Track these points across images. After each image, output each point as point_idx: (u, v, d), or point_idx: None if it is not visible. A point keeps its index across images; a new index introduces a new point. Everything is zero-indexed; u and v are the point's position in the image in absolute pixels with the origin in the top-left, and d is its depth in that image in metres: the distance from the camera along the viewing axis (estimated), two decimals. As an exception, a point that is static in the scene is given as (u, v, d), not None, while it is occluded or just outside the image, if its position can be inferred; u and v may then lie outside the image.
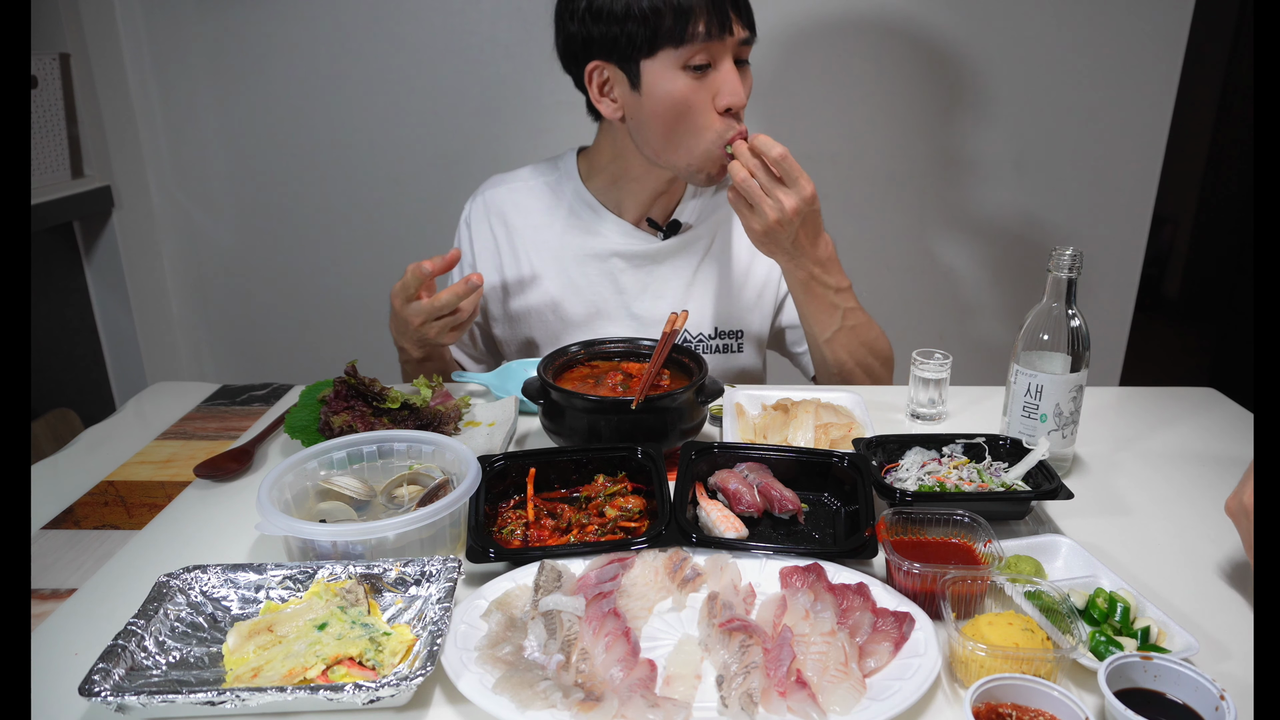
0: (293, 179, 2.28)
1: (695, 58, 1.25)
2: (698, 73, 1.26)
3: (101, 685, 0.71)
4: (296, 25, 2.13)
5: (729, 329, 1.52)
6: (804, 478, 1.07)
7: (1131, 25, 2.08)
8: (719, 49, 1.26)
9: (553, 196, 1.49)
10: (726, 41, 1.25)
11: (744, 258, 1.52)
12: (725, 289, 1.51)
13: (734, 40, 1.26)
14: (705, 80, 1.27)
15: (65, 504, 1.09)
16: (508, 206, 1.50)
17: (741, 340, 1.53)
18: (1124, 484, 1.13)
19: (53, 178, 2.05)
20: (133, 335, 2.32)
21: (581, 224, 1.48)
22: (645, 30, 1.23)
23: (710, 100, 1.28)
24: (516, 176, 1.52)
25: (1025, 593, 0.82)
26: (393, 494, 1.03)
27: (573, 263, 1.48)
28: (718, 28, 1.23)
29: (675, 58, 1.25)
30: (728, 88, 1.27)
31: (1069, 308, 1.07)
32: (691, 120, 1.29)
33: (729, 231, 1.52)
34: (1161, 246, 4.20)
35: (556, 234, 1.48)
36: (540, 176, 1.51)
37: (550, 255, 1.49)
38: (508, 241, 1.50)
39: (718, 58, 1.27)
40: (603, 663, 0.76)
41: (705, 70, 1.26)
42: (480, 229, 1.51)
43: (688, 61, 1.25)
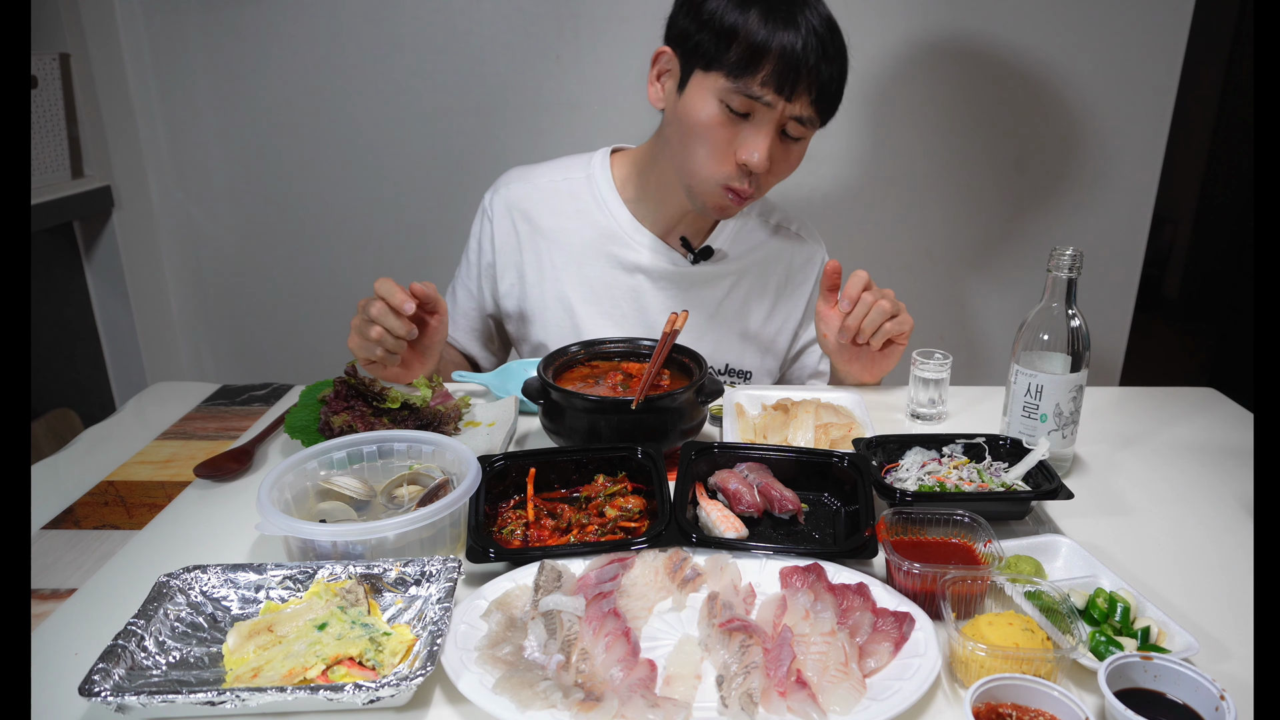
0: (293, 179, 2.28)
1: (735, 101, 1.20)
2: (732, 114, 1.22)
3: (101, 685, 0.71)
4: (296, 25, 2.13)
5: (739, 369, 1.51)
6: (804, 478, 1.06)
7: (1131, 25, 2.08)
8: (765, 110, 1.21)
9: (581, 197, 1.45)
10: (778, 106, 1.20)
11: (768, 302, 1.50)
12: (745, 330, 1.49)
13: (788, 110, 1.21)
14: (736, 124, 1.23)
15: (65, 504, 1.09)
16: (532, 203, 1.46)
17: (748, 380, 1.52)
18: (1124, 484, 1.13)
19: (53, 178, 2.05)
20: (133, 335, 2.32)
21: (608, 231, 1.43)
22: (717, 47, 1.19)
23: (731, 142, 1.24)
24: (542, 172, 1.48)
25: (1025, 593, 0.82)
26: (393, 494, 1.03)
27: (595, 270, 1.44)
28: (777, 86, 1.18)
29: (721, 88, 1.21)
30: (751, 145, 1.23)
31: (1069, 308, 1.07)
32: (707, 149, 1.25)
33: (760, 274, 1.49)
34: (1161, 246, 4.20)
35: (582, 238, 1.44)
36: (569, 173, 1.46)
37: (573, 258, 1.45)
38: (530, 238, 1.45)
39: (761, 115, 1.22)
40: (603, 663, 0.76)
41: (740, 118, 1.22)
42: (502, 224, 1.47)
43: (727, 101, 1.21)
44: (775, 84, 1.18)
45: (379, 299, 1.20)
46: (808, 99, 1.21)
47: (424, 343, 1.31)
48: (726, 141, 1.24)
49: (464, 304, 1.55)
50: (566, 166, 1.48)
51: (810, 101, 1.21)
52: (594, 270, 1.45)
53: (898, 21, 2.09)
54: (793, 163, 1.30)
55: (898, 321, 1.28)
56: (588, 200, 1.44)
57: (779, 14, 1.17)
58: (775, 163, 1.26)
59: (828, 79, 1.21)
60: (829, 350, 1.38)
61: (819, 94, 1.21)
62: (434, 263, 2.20)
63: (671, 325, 1.21)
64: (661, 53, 1.30)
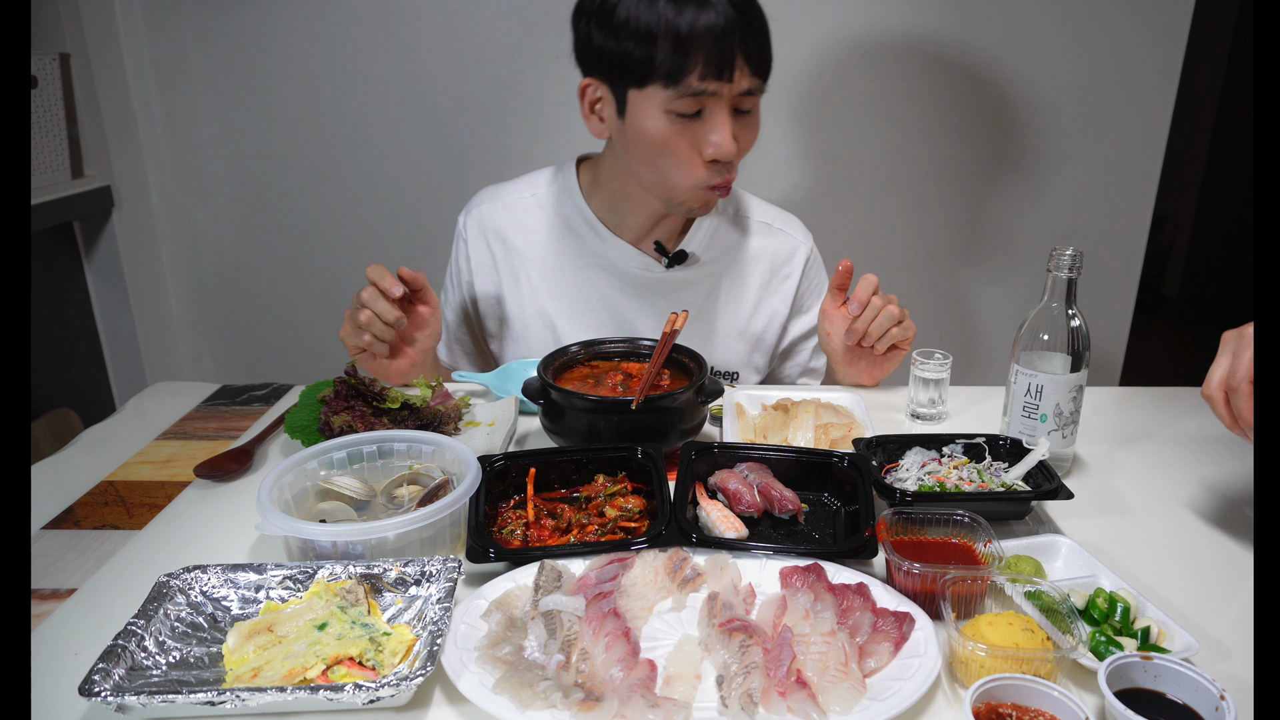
0: (293, 179, 2.28)
1: (681, 105, 1.18)
2: (683, 118, 1.20)
3: (101, 685, 0.71)
4: (297, 25, 2.13)
5: (724, 370, 1.50)
6: (804, 478, 1.06)
7: (1131, 25, 2.08)
8: (713, 100, 1.18)
9: (552, 211, 1.44)
10: (724, 91, 1.18)
11: (751, 300, 1.48)
12: (727, 332, 1.48)
13: (734, 89, 1.18)
14: (691, 126, 1.20)
15: (65, 504, 1.09)
16: (504, 222, 1.45)
17: (735, 382, 1.50)
18: (1124, 484, 1.13)
19: (53, 178, 2.05)
20: (133, 335, 2.32)
21: (582, 243, 1.43)
22: (641, 55, 1.16)
23: (695, 145, 1.22)
24: (512, 189, 1.47)
25: (1025, 593, 0.82)
26: (393, 494, 1.03)
27: (572, 282, 1.44)
28: (716, 72, 1.15)
29: (663, 99, 1.18)
30: (715, 139, 1.20)
31: (1069, 308, 1.07)
32: (672, 161, 1.24)
33: (739, 273, 1.48)
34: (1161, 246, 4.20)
35: (555, 252, 1.44)
36: (538, 189, 1.46)
37: (549, 273, 1.44)
38: (505, 258, 1.46)
39: (711, 107, 1.19)
40: (603, 663, 0.76)
41: (694, 117, 1.20)
42: (476, 245, 1.47)
43: (675, 109, 1.19)
44: (714, 72, 1.16)
45: (370, 284, 1.23)
46: (747, 71, 1.18)
47: (413, 333, 1.32)
48: (689, 147, 1.22)
49: (456, 329, 1.55)
50: (534, 182, 1.47)
51: (751, 73, 1.19)
52: (571, 283, 1.44)
53: (898, 21, 2.09)
54: (751, 136, 1.28)
55: (903, 328, 1.29)
56: (558, 213, 1.44)
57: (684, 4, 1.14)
58: (742, 140, 1.25)
59: (758, 43, 1.18)
60: (831, 350, 1.37)
61: (756, 62, 1.19)
62: (433, 263, 2.19)
63: (671, 325, 1.20)
64: (586, 85, 1.28)
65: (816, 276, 1.55)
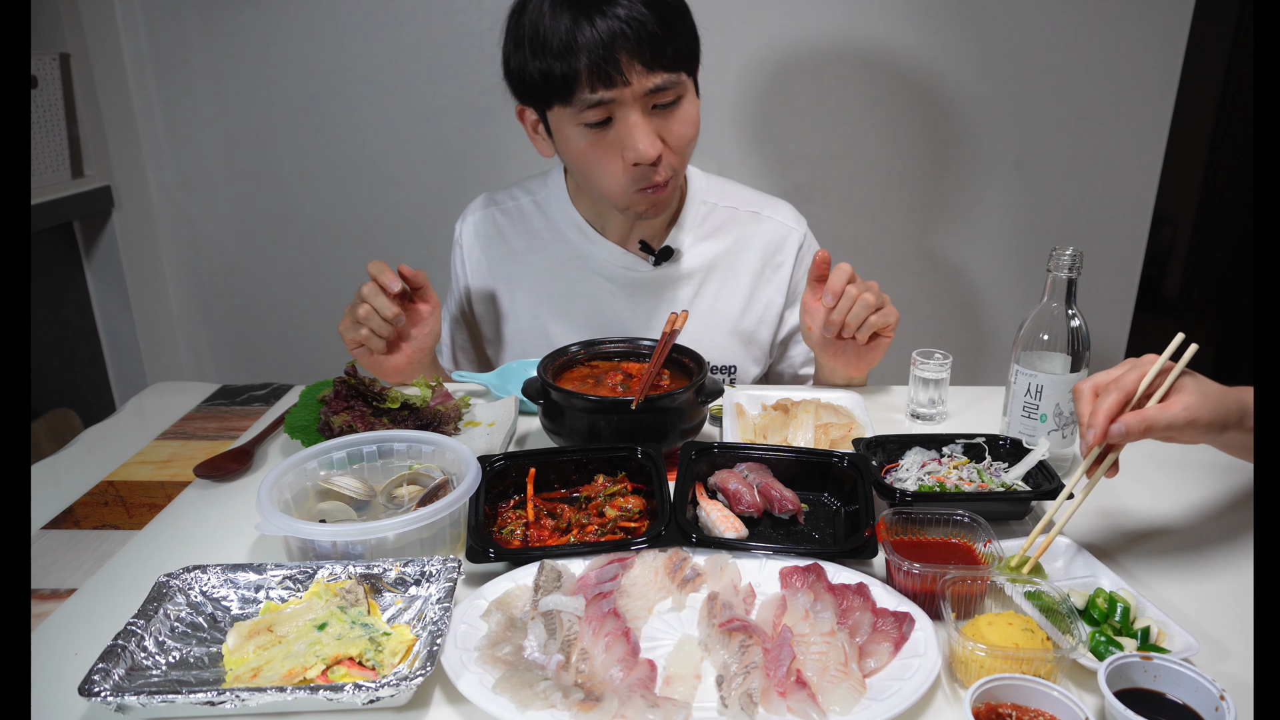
0: (293, 179, 2.28)
1: (587, 117, 1.18)
2: (596, 129, 1.20)
3: (101, 685, 0.71)
4: (296, 25, 2.13)
5: (722, 364, 1.49)
6: (804, 478, 1.06)
7: (1131, 25, 2.08)
8: (617, 105, 1.18)
9: (542, 217, 1.46)
10: (624, 96, 1.17)
11: (743, 292, 1.47)
12: (721, 325, 1.47)
13: (635, 91, 1.17)
14: (607, 134, 1.21)
15: (65, 504, 1.09)
16: (498, 229, 1.48)
17: (734, 375, 1.50)
18: (1124, 484, 1.13)
19: (53, 178, 2.05)
20: (133, 335, 2.32)
21: (571, 246, 1.44)
22: (537, 76, 1.18)
23: (614, 152, 1.22)
24: (506, 196, 1.50)
25: (1025, 593, 0.82)
26: (393, 494, 1.03)
27: (563, 286, 1.45)
28: (605, 80, 1.15)
29: (570, 114, 1.20)
30: (630, 143, 1.20)
31: (1069, 308, 1.07)
32: (598, 171, 1.25)
33: (730, 264, 1.47)
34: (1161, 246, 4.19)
35: (545, 256, 1.45)
36: (529, 195, 1.48)
37: (541, 278, 1.46)
38: (499, 263, 1.48)
39: (620, 113, 1.19)
40: (603, 663, 0.76)
41: (605, 125, 1.20)
42: (472, 252, 1.50)
43: (581, 121, 1.20)
44: (603, 79, 1.15)
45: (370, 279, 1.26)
46: (644, 71, 1.16)
47: (411, 329, 1.34)
48: (609, 154, 1.23)
49: (456, 334, 1.56)
50: (527, 188, 1.49)
51: (649, 69, 1.16)
52: (562, 287, 1.45)
53: (898, 21, 2.09)
54: (682, 129, 1.24)
55: (883, 314, 1.25)
56: (548, 218, 1.46)
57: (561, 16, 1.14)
58: (665, 137, 1.23)
59: (650, 40, 1.15)
60: (813, 343, 1.35)
61: (653, 56, 1.16)
62: (433, 262, 2.19)
63: (671, 325, 1.20)
64: (521, 111, 1.32)
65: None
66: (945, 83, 2.14)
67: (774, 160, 2.21)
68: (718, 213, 1.47)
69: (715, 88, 2.15)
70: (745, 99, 2.16)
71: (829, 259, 1.27)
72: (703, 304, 1.47)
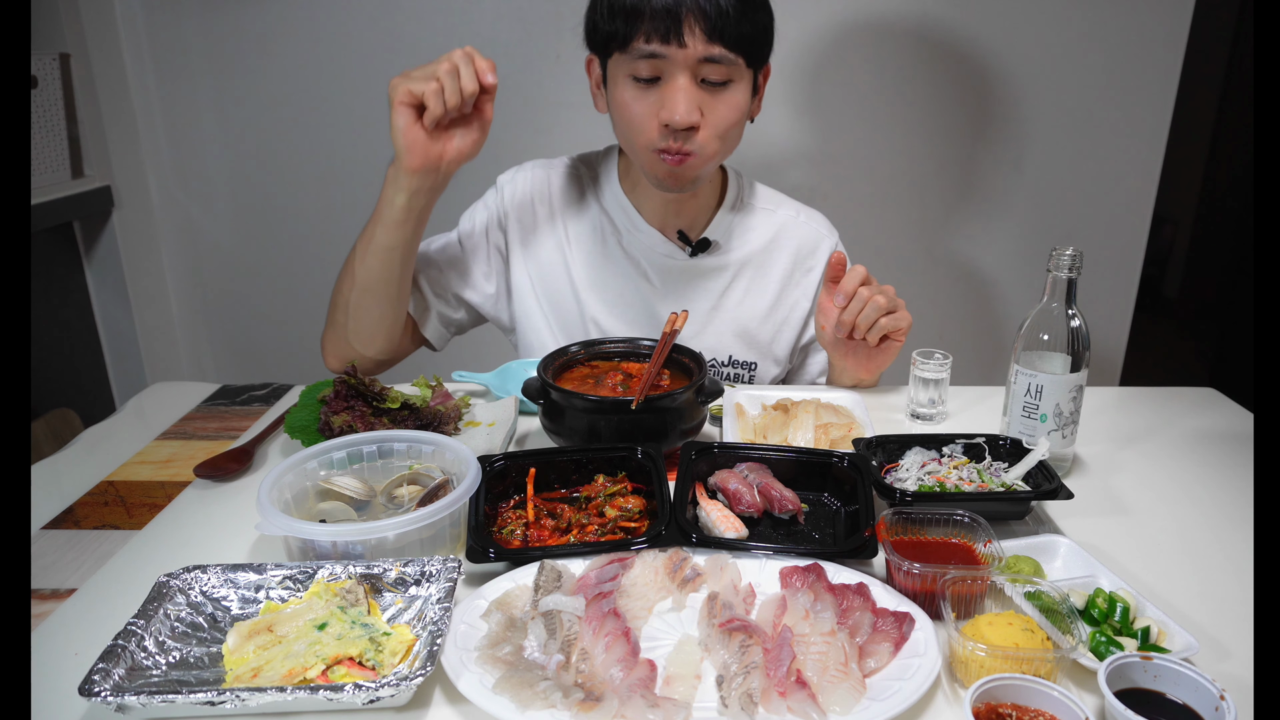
0: (293, 179, 2.28)
1: (639, 69, 1.21)
2: (643, 84, 1.22)
3: (101, 685, 0.71)
4: (297, 25, 2.13)
5: (744, 360, 1.50)
6: (804, 478, 1.06)
7: (1131, 25, 2.08)
8: (669, 65, 1.20)
9: (594, 187, 1.48)
10: (677, 57, 1.19)
11: (772, 292, 1.48)
12: (748, 322, 1.48)
13: (689, 55, 1.19)
14: (650, 92, 1.23)
15: (65, 504, 1.09)
16: (554, 187, 1.48)
17: (754, 372, 1.50)
18: (1124, 484, 1.13)
19: (53, 178, 2.05)
20: (133, 335, 2.32)
21: (614, 223, 1.45)
22: (605, 22, 1.21)
23: (653, 111, 1.23)
24: (560, 163, 1.51)
25: (1025, 593, 0.82)
26: (393, 494, 1.03)
27: (600, 259, 1.46)
28: (662, 35, 1.17)
29: (624, 64, 1.22)
30: (670, 104, 1.21)
31: (1069, 308, 1.07)
32: (632, 123, 1.26)
33: (763, 262, 1.48)
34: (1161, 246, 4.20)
35: (591, 227, 1.46)
36: (587, 166, 1.50)
37: (583, 247, 1.46)
38: (548, 220, 1.47)
39: (669, 73, 1.21)
40: (603, 663, 0.76)
41: (653, 83, 1.22)
42: (522, 196, 1.47)
43: (632, 73, 1.22)
44: (660, 35, 1.17)
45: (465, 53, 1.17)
46: (704, 38, 1.18)
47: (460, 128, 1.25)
48: (648, 111, 1.24)
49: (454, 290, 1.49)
50: (586, 159, 1.51)
51: (709, 39, 1.18)
52: (600, 260, 1.46)
53: (899, 21, 2.09)
54: (727, 112, 1.25)
55: (894, 318, 1.27)
56: (597, 191, 1.47)
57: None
58: (707, 114, 1.24)
59: (717, 9, 1.17)
60: (825, 343, 1.36)
61: (716, 28, 1.17)
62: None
63: (671, 325, 1.20)
64: (590, 61, 1.32)
65: None
66: (945, 82, 2.14)
67: (774, 160, 2.21)
68: (756, 214, 1.49)
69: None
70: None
71: (844, 260, 1.29)
72: (732, 299, 1.48)
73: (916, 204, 2.26)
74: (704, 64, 1.21)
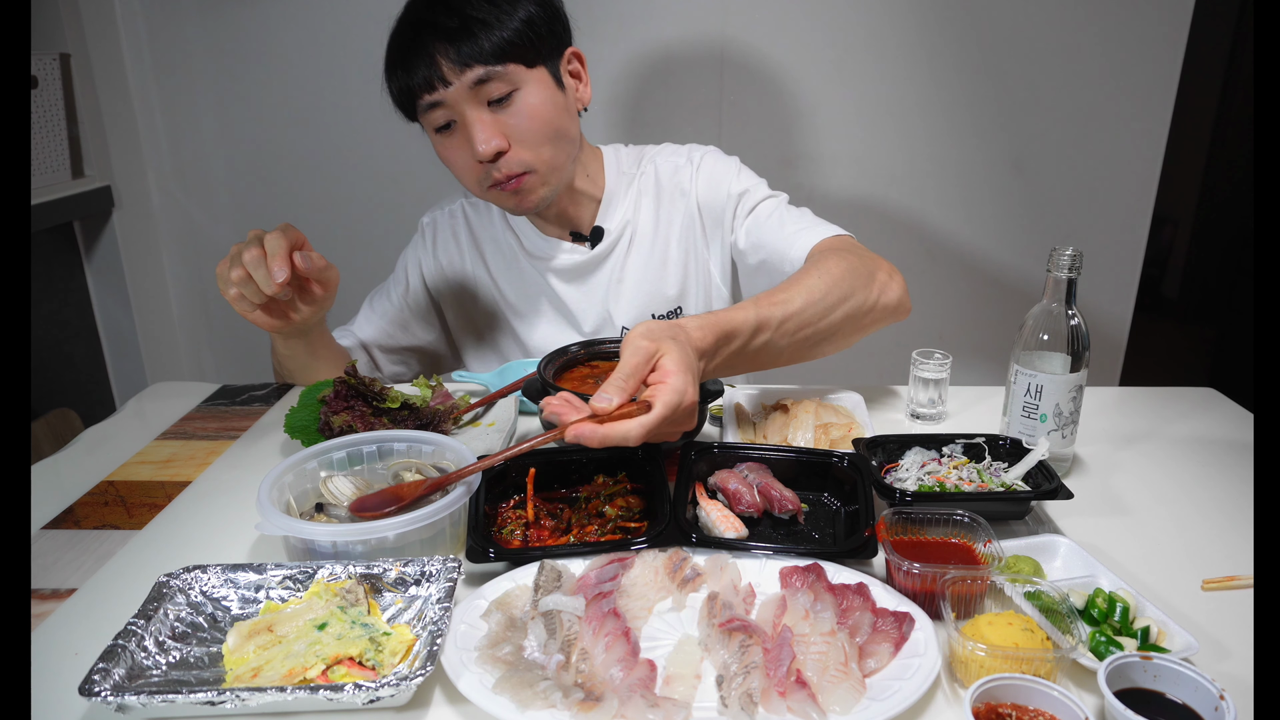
0: (293, 179, 2.28)
1: (433, 120, 1.24)
2: (446, 132, 1.25)
3: (101, 685, 0.71)
4: (297, 25, 2.13)
5: (665, 311, 1.47)
6: (804, 478, 1.06)
7: (1131, 25, 2.08)
8: (450, 108, 1.21)
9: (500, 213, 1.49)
10: (450, 97, 1.20)
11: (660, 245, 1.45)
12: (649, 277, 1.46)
13: (460, 89, 1.19)
14: (455, 135, 1.25)
15: (65, 504, 1.09)
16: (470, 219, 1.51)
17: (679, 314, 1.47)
18: (1124, 484, 1.13)
19: (53, 178, 2.05)
20: (133, 335, 2.32)
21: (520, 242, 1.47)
22: (396, 99, 1.27)
23: (463, 152, 1.25)
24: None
25: (1025, 593, 0.82)
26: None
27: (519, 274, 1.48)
28: (424, 85, 1.19)
29: (425, 123, 1.27)
30: (470, 140, 1.23)
31: (1069, 308, 1.07)
32: (458, 175, 1.30)
33: (637, 223, 1.46)
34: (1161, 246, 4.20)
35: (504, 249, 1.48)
36: None
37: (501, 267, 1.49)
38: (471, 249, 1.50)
39: (456, 112, 1.22)
40: (603, 663, 0.76)
41: (450, 130, 1.24)
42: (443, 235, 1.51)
43: (431, 126, 1.26)
44: (424, 84, 1.20)
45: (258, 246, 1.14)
46: (459, 67, 1.18)
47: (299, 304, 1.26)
48: (463, 155, 1.26)
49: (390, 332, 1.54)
50: None
51: (464, 65, 1.17)
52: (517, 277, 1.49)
53: (899, 22, 2.09)
54: (528, 121, 1.23)
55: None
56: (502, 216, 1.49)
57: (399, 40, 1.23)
58: (509, 132, 1.24)
59: (453, 32, 1.17)
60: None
61: (466, 50, 1.17)
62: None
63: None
64: None
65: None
66: (945, 83, 2.14)
67: (774, 160, 2.21)
68: (640, 179, 1.47)
69: (714, 87, 2.15)
70: (744, 98, 2.16)
71: None
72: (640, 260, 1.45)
73: (916, 204, 2.26)
74: (478, 87, 1.20)
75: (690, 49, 2.10)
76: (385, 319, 1.52)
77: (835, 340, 1.20)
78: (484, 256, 1.50)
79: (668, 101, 2.15)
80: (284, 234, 1.17)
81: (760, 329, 1.07)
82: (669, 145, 1.51)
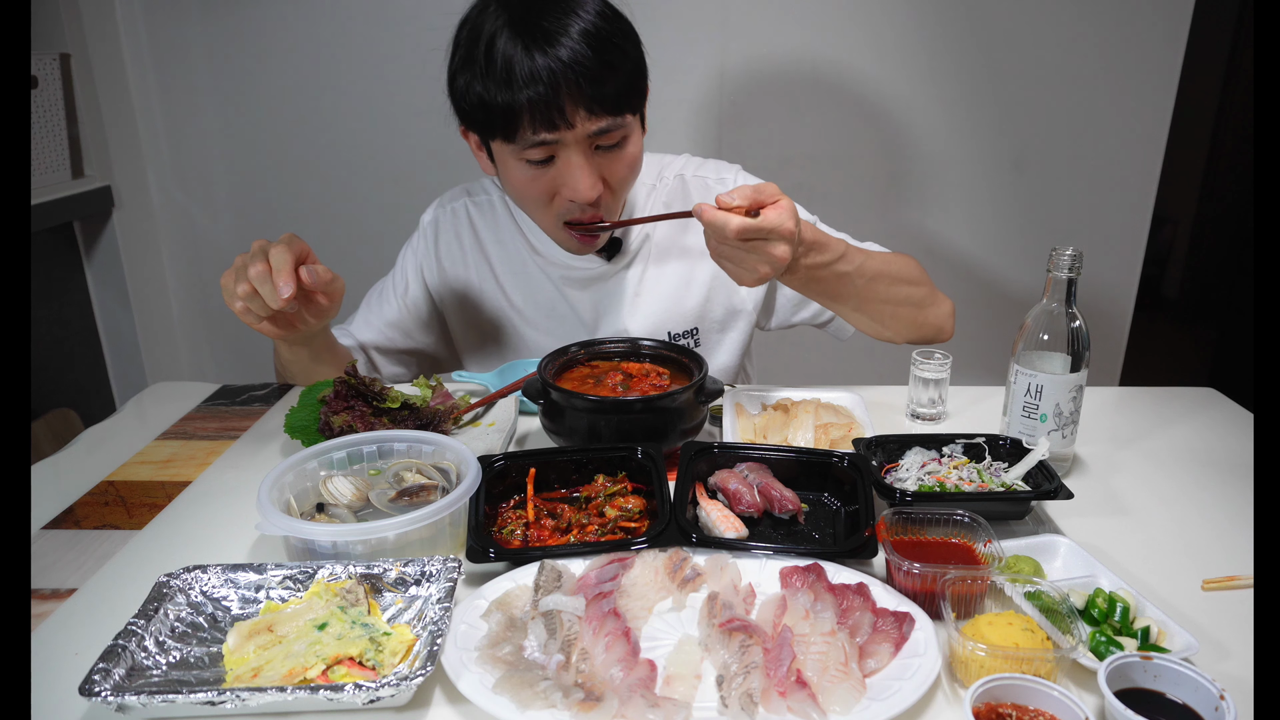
0: (293, 179, 2.28)
1: (530, 155, 1.18)
2: (537, 165, 1.20)
3: (101, 685, 0.71)
4: (296, 25, 2.13)
5: (682, 330, 1.47)
6: (804, 478, 1.06)
7: (1131, 25, 2.08)
8: (560, 147, 1.18)
9: (508, 212, 1.47)
10: (567, 139, 1.16)
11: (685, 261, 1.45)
12: (669, 293, 1.45)
13: (579, 134, 1.16)
14: (547, 171, 1.21)
15: (65, 504, 1.09)
16: (474, 217, 1.48)
17: (696, 337, 1.48)
18: (1124, 484, 1.13)
19: (53, 178, 2.05)
20: (133, 335, 2.32)
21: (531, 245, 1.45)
22: (482, 113, 1.18)
23: (553, 187, 1.22)
24: (480, 189, 1.50)
25: (1025, 593, 0.82)
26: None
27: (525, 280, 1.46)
28: (548, 124, 1.14)
29: (511, 150, 1.20)
30: (570, 183, 1.20)
31: (1069, 308, 1.07)
32: (534, 204, 1.27)
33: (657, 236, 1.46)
34: (1161, 246, 4.20)
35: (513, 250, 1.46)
36: (500, 189, 1.48)
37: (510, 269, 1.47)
38: (474, 249, 1.47)
39: (562, 154, 1.19)
40: (603, 663, 0.76)
41: (547, 164, 1.20)
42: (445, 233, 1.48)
43: (523, 158, 1.20)
44: (545, 124, 1.14)
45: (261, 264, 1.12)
46: (587, 115, 1.15)
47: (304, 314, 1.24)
48: (548, 189, 1.23)
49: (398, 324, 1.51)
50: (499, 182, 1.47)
51: (592, 114, 1.16)
52: (524, 281, 1.47)
53: (899, 22, 2.09)
54: (625, 167, 1.25)
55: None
56: (512, 215, 1.47)
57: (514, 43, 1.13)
58: (610, 177, 1.23)
59: (597, 86, 1.14)
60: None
61: (596, 100, 1.15)
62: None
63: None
64: (465, 134, 1.30)
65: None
66: (945, 83, 2.14)
67: (774, 160, 2.21)
68: (664, 191, 1.46)
69: (715, 87, 2.15)
70: (745, 98, 2.16)
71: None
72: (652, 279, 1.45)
73: (917, 204, 2.26)
74: (594, 136, 1.19)
75: (690, 49, 2.10)
76: (384, 322, 1.51)
77: (891, 315, 1.34)
78: (489, 259, 1.47)
79: (668, 101, 2.15)
80: (289, 247, 1.15)
81: (844, 259, 1.22)
82: (689, 158, 1.50)
